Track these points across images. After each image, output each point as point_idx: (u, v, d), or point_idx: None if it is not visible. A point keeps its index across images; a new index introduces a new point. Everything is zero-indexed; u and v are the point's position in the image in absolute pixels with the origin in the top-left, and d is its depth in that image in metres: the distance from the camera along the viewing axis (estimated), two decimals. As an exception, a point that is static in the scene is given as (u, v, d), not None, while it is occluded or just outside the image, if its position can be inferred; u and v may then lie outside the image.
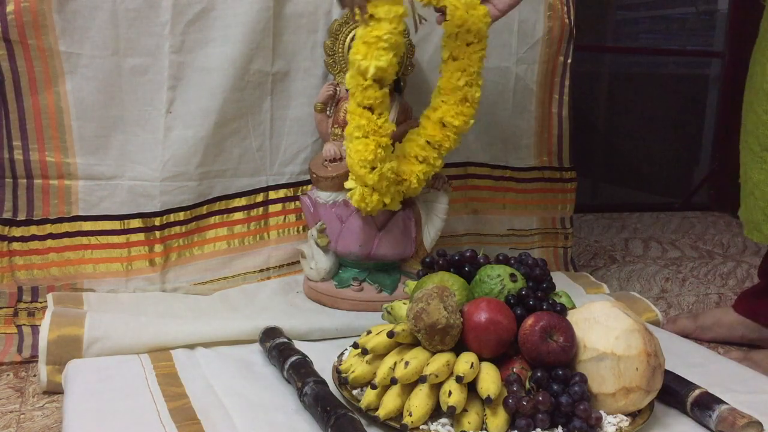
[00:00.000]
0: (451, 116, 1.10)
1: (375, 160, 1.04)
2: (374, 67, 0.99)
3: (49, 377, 0.92)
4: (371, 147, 1.03)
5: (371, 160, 1.04)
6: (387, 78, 1.02)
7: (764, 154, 1.04)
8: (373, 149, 1.03)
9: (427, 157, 1.11)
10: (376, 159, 1.04)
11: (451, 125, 1.10)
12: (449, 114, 1.10)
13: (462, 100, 1.10)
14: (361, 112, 1.03)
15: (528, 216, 1.48)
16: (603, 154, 2.47)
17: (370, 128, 1.03)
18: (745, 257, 1.77)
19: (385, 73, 1.01)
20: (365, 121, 1.03)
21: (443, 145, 1.11)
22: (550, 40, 1.39)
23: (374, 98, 1.02)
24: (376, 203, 1.08)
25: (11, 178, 1.09)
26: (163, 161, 1.16)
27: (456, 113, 1.10)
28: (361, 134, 1.03)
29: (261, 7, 1.17)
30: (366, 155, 1.03)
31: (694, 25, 2.58)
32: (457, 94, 1.10)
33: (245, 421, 0.79)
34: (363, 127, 1.03)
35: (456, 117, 1.10)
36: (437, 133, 1.11)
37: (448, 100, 1.10)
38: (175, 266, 1.20)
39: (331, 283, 1.19)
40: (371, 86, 1.01)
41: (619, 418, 0.80)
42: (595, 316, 0.83)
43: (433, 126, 1.11)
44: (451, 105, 1.10)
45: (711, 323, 1.21)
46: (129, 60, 1.12)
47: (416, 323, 0.80)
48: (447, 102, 1.10)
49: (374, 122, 1.03)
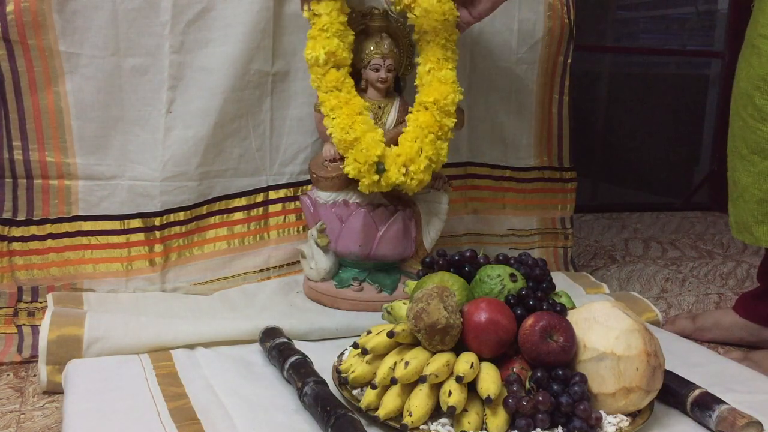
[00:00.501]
0: (428, 95, 1.12)
1: (353, 126, 1.08)
2: (324, 53, 1.10)
3: (49, 377, 0.92)
4: (347, 121, 1.09)
5: (349, 126, 1.09)
6: (342, 61, 1.12)
7: (752, 157, 1.05)
8: (348, 121, 1.09)
9: (418, 136, 1.12)
10: (355, 125, 1.08)
11: (429, 103, 1.12)
12: (427, 95, 1.12)
13: (438, 81, 1.13)
14: (329, 97, 1.11)
15: (528, 216, 1.48)
16: (603, 154, 2.47)
17: (341, 103, 1.10)
18: (745, 257, 1.77)
19: (337, 57, 1.11)
20: (335, 100, 1.11)
21: (431, 124, 1.12)
22: (550, 40, 1.39)
23: (336, 80, 1.11)
24: (366, 156, 1.08)
25: (11, 178, 1.09)
26: (163, 161, 1.16)
27: (433, 91, 1.12)
28: (335, 114, 1.10)
29: (261, 7, 1.17)
30: (345, 126, 1.09)
31: (694, 25, 2.58)
32: (433, 76, 1.12)
33: (245, 421, 0.79)
34: (334, 106, 1.11)
35: (432, 94, 1.12)
36: (420, 116, 1.12)
37: (424, 86, 1.13)
38: (175, 266, 1.20)
39: (331, 283, 1.19)
40: (329, 71, 1.11)
41: (619, 418, 0.80)
42: (595, 316, 0.83)
43: (416, 114, 1.13)
44: (427, 88, 1.13)
45: (710, 325, 1.21)
46: (129, 60, 1.12)
47: (416, 323, 0.80)
48: (424, 88, 1.13)
49: (344, 98, 1.11)
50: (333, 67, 1.12)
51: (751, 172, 1.05)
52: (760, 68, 1.03)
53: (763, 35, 1.02)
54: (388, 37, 1.18)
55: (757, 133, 1.04)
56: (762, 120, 1.03)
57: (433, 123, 1.11)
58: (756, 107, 1.03)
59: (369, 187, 1.10)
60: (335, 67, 1.12)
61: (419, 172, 1.11)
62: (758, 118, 1.03)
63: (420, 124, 1.11)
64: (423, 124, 1.11)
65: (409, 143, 1.11)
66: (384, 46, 1.17)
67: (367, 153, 1.08)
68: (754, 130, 1.04)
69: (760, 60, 1.03)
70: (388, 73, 1.18)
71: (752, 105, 1.04)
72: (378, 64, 1.16)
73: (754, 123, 1.04)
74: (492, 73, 1.37)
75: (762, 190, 1.04)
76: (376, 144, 1.08)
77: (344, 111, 1.10)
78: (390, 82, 1.19)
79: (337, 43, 1.11)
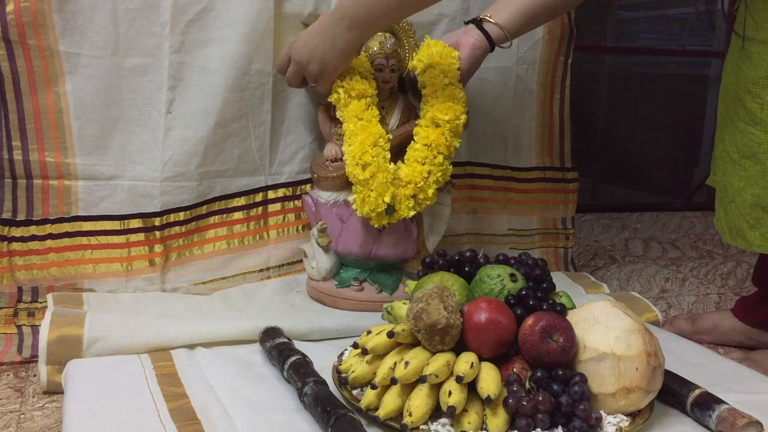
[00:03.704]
0: (441, 112, 1.11)
1: (363, 159, 1.07)
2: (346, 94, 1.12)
3: (49, 377, 0.92)
4: (358, 150, 1.08)
5: (359, 157, 1.08)
6: (363, 92, 1.13)
7: (743, 161, 1.04)
8: (359, 151, 1.08)
9: (427, 157, 1.11)
10: (365, 158, 1.07)
11: (443, 120, 1.11)
12: (439, 111, 1.11)
13: (449, 97, 1.11)
14: (349, 125, 1.11)
15: (528, 216, 1.47)
16: (603, 154, 2.47)
17: (357, 130, 1.10)
18: (745, 257, 1.77)
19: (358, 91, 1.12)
20: (353, 126, 1.11)
21: (441, 143, 1.11)
22: (551, 40, 1.39)
23: (358, 109, 1.11)
24: (375, 202, 1.08)
25: (11, 179, 1.09)
26: (163, 161, 1.16)
27: (445, 109, 1.11)
28: (350, 141, 1.10)
29: (261, 7, 1.17)
30: (356, 157, 1.08)
31: (694, 25, 2.58)
32: (444, 93, 1.11)
33: (245, 421, 0.79)
34: (351, 133, 1.10)
35: (446, 112, 1.11)
36: (431, 134, 1.11)
37: (435, 102, 1.12)
38: (175, 266, 1.20)
39: (332, 282, 1.19)
40: (351, 101, 1.12)
41: (619, 418, 0.80)
42: (595, 316, 0.83)
43: (426, 129, 1.12)
44: (438, 104, 1.12)
45: (710, 328, 1.21)
46: (129, 60, 1.12)
47: (416, 323, 0.80)
48: (434, 104, 1.12)
49: (360, 127, 1.10)
50: (355, 98, 1.12)
51: (743, 177, 1.05)
52: (751, 72, 1.02)
53: (755, 38, 1.02)
54: (392, 37, 1.18)
55: (749, 137, 1.03)
56: (754, 123, 1.02)
57: (443, 143, 1.11)
58: (748, 111, 1.03)
59: (378, 222, 1.11)
60: (357, 98, 1.12)
61: (427, 200, 1.11)
62: (750, 121, 1.03)
63: (430, 142, 1.11)
64: (433, 143, 1.11)
65: (418, 167, 1.10)
66: (387, 46, 1.17)
67: (377, 200, 1.08)
68: (746, 134, 1.04)
69: (751, 63, 1.02)
70: (392, 73, 1.17)
71: (744, 109, 1.04)
72: (381, 64, 1.16)
73: (745, 127, 1.04)
74: (492, 73, 1.37)
75: (754, 194, 1.03)
76: (386, 189, 1.07)
77: (359, 138, 1.09)
78: (394, 82, 1.19)
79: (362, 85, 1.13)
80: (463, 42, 1.13)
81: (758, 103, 1.01)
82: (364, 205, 1.08)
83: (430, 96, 1.13)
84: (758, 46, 1.01)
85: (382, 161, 1.08)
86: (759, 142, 1.02)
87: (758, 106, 1.01)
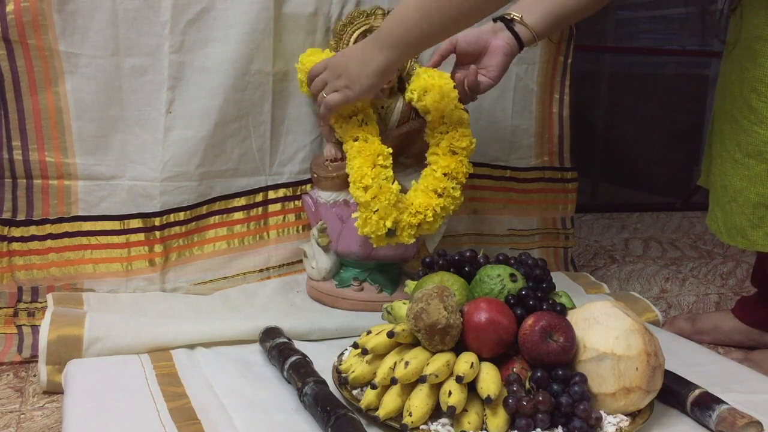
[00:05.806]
0: (457, 140, 1.12)
1: (363, 181, 1.07)
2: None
3: (49, 377, 0.92)
4: (358, 173, 1.08)
5: (360, 179, 1.07)
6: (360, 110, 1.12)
7: (747, 160, 1.04)
8: (359, 174, 1.07)
9: (446, 188, 1.11)
10: (365, 180, 1.07)
11: (459, 148, 1.12)
12: (454, 139, 1.12)
13: (458, 123, 1.12)
14: (350, 144, 1.11)
15: (528, 216, 1.47)
16: (603, 154, 2.47)
17: (354, 153, 1.09)
18: (745, 257, 1.77)
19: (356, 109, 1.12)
20: (351, 148, 1.11)
21: (459, 171, 1.11)
22: (550, 40, 1.39)
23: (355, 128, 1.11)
24: (377, 225, 1.08)
25: (11, 179, 1.09)
26: (163, 161, 1.16)
27: (460, 136, 1.12)
28: (351, 164, 1.10)
29: (261, 8, 1.17)
30: (356, 179, 1.07)
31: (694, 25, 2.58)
32: (452, 118, 1.12)
33: (245, 421, 0.79)
34: (352, 154, 1.10)
35: (461, 139, 1.12)
36: (450, 162, 1.11)
37: (446, 129, 1.12)
38: (175, 266, 1.20)
39: (331, 282, 1.19)
40: (350, 121, 1.12)
41: (619, 418, 0.80)
42: (595, 316, 0.83)
43: (444, 157, 1.12)
44: (451, 131, 1.12)
45: (710, 328, 1.21)
46: (129, 60, 1.12)
47: (416, 323, 0.80)
48: (446, 131, 1.12)
49: (357, 147, 1.10)
50: (347, 117, 1.12)
51: (746, 176, 1.04)
52: (756, 70, 1.02)
53: (760, 37, 1.01)
54: (391, 37, 1.18)
55: (753, 136, 1.03)
56: (759, 123, 1.02)
57: (462, 170, 1.12)
58: (752, 109, 1.02)
59: (378, 243, 1.11)
60: (349, 116, 1.12)
61: (430, 230, 1.12)
62: (755, 120, 1.02)
63: (450, 171, 1.11)
64: (454, 173, 1.11)
65: (435, 199, 1.10)
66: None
67: (378, 223, 1.07)
68: (750, 133, 1.03)
69: (755, 62, 1.02)
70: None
71: (748, 107, 1.03)
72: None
73: (749, 125, 1.03)
74: (492, 73, 1.37)
75: (759, 193, 1.03)
76: (389, 213, 1.07)
77: (356, 163, 1.08)
78: (393, 82, 1.19)
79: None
80: (493, 47, 1.09)
81: (764, 102, 1.01)
82: (365, 226, 1.08)
83: (437, 122, 1.13)
84: (764, 44, 1.00)
85: (383, 182, 1.08)
86: (765, 141, 1.01)
87: (764, 105, 1.01)
